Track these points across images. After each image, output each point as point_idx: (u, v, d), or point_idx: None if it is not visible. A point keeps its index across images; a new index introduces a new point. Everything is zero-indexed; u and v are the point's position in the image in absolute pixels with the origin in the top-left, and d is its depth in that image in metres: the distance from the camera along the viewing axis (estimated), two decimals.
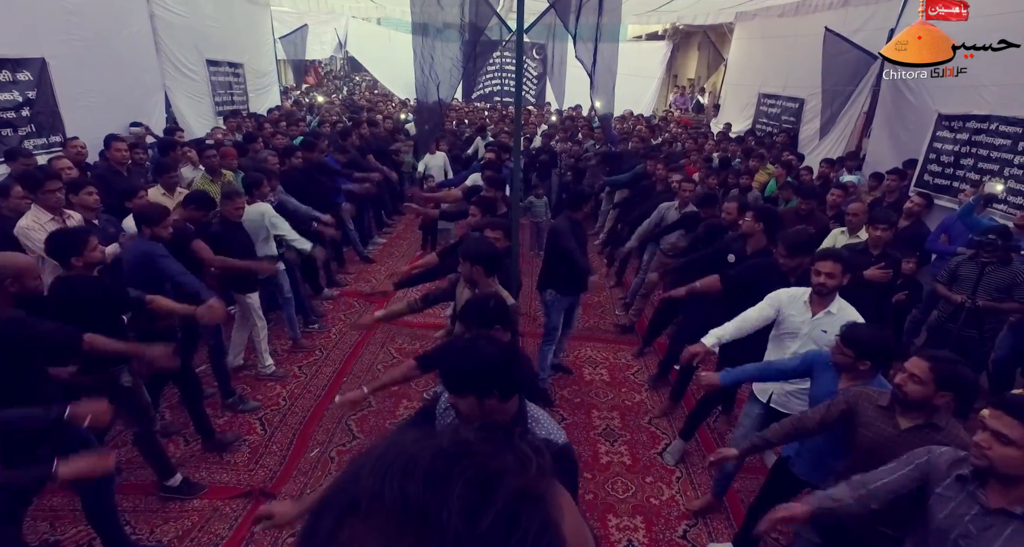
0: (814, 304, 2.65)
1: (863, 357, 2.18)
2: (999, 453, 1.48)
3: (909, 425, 1.95)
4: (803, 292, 2.71)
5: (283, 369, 4.31)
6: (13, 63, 4.88)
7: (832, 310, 2.62)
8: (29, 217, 3.12)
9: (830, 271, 2.57)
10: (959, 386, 1.89)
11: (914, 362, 1.92)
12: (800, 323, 2.67)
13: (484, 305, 2.09)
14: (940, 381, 1.87)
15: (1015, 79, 4.94)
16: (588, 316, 5.42)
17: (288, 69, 16.43)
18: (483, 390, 1.48)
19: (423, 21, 3.01)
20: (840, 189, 5.21)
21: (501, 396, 1.50)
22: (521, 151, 4.00)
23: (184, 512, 2.95)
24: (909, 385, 1.91)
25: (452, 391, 1.51)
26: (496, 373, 1.48)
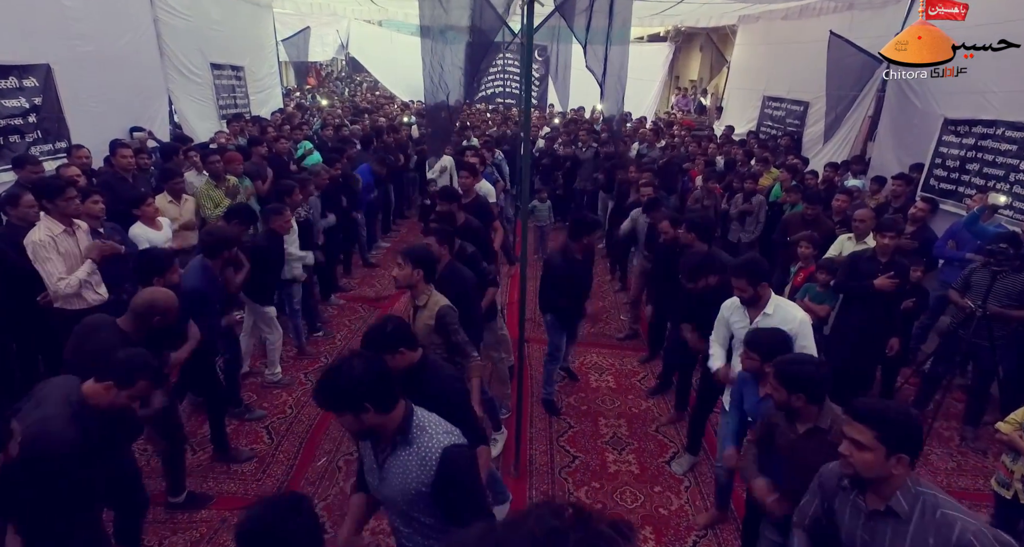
0: (750, 309, 2.73)
1: (767, 359, 2.24)
2: (859, 459, 1.54)
3: (803, 429, 2.04)
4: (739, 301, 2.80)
5: (289, 376, 4.31)
6: (19, 70, 4.87)
7: (768, 311, 2.67)
8: (42, 230, 3.09)
9: (738, 285, 2.68)
10: (803, 385, 1.95)
11: (770, 372, 2.06)
12: (742, 329, 2.72)
13: (383, 329, 2.06)
14: (784, 383, 1.97)
15: (1021, 83, 4.92)
16: (593, 322, 5.41)
17: (290, 71, 16.46)
18: (355, 406, 1.51)
19: (431, 24, 2.99)
20: (845, 194, 5.20)
21: (377, 409, 1.53)
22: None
23: (192, 523, 2.95)
24: (772, 392, 2.04)
25: (326, 409, 1.56)
26: (365, 389, 1.50)
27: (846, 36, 7.12)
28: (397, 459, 1.58)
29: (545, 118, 12.14)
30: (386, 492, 1.62)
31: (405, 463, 1.57)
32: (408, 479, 1.56)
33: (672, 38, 13.46)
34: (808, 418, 2.02)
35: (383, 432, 1.58)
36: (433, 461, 1.54)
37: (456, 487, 1.57)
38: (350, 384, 1.50)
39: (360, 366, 1.53)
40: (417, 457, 1.56)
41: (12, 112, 4.82)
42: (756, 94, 10.11)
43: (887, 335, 3.74)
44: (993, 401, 3.89)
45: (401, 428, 1.58)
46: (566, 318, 3.97)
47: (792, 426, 2.07)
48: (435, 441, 1.57)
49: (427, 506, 1.59)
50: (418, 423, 1.60)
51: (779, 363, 2.03)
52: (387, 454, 1.60)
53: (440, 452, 1.55)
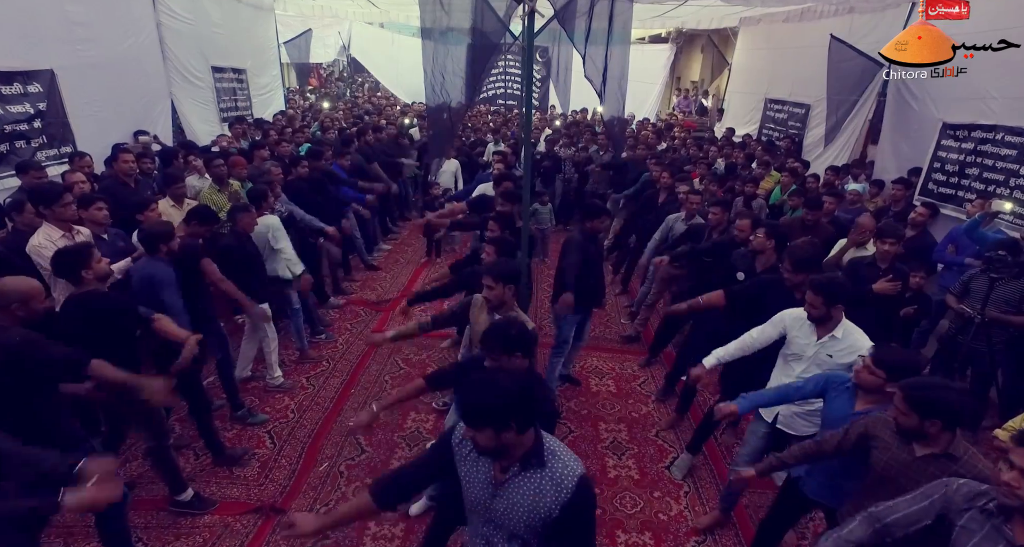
0: (818, 328, 2.65)
1: (894, 379, 2.13)
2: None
3: (924, 453, 1.93)
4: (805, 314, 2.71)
5: (291, 380, 4.33)
6: (24, 75, 4.91)
7: (837, 334, 2.61)
8: (41, 235, 3.13)
9: (810, 301, 2.59)
10: (941, 412, 1.85)
11: (896, 393, 1.94)
12: (805, 346, 2.67)
13: (507, 332, 2.10)
14: (918, 409, 1.86)
15: (1021, 89, 4.93)
16: (594, 325, 5.40)
17: (291, 72, 16.47)
18: (501, 423, 1.49)
19: (432, 26, 3.01)
20: (833, 196, 5.18)
21: (519, 429, 1.52)
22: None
23: (195, 528, 2.97)
24: (898, 416, 1.92)
25: (469, 425, 1.53)
26: (513, 407, 1.50)
27: (846, 40, 7.13)
28: (527, 481, 1.57)
29: (546, 120, 12.16)
30: (502, 510, 1.61)
31: (538, 486, 1.56)
32: (540, 502, 1.55)
33: (673, 39, 13.47)
34: (936, 444, 1.91)
35: (511, 453, 1.57)
36: (569, 487, 1.54)
37: (582, 516, 1.59)
38: (503, 399, 1.49)
39: (509, 382, 1.54)
40: (551, 481, 1.55)
41: (17, 118, 4.85)
42: (757, 97, 10.12)
43: (886, 340, 3.74)
44: (992, 405, 3.90)
45: (535, 450, 1.58)
46: (583, 301, 3.92)
47: (907, 447, 1.97)
48: (570, 468, 1.58)
49: (544, 530, 1.59)
50: (549, 447, 1.61)
51: (913, 387, 1.90)
52: (513, 474, 1.59)
53: (577, 479, 1.56)
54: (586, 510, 1.60)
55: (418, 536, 2.96)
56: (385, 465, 3.53)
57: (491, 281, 2.69)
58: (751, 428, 2.97)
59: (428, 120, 8.13)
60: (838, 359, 2.59)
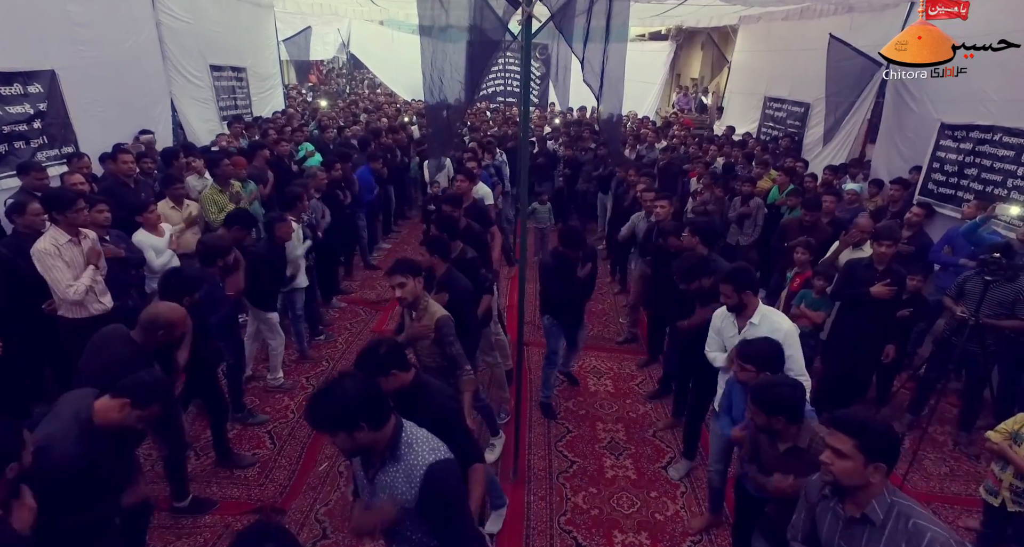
0: (739, 318, 2.76)
1: (764, 369, 2.27)
2: (840, 467, 1.62)
3: (783, 448, 2.10)
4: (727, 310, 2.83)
5: (291, 381, 4.36)
6: (24, 76, 4.91)
7: (754, 321, 2.71)
8: (48, 239, 3.14)
9: (723, 291, 2.73)
10: (781, 407, 1.99)
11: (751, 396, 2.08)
12: (732, 339, 2.76)
13: (376, 352, 2.08)
14: (764, 408, 2.01)
15: (1019, 91, 4.94)
16: (592, 325, 5.45)
17: (291, 68, 16.46)
18: (350, 425, 1.54)
19: (431, 24, 3.00)
20: (832, 196, 5.21)
21: (371, 427, 1.56)
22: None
23: (197, 528, 3.01)
24: (753, 416, 2.07)
25: (321, 432, 1.60)
26: (357, 408, 1.54)
27: (845, 39, 7.12)
28: (386, 475, 1.63)
29: (546, 118, 12.15)
30: (376, 507, 1.66)
31: (393, 479, 1.61)
32: (395, 495, 1.60)
33: (673, 37, 13.44)
34: (788, 438, 2.07)
35: (374, 449, 1.62)
36: (418, 477, 1.58)
37: (441, 503, 1.61)
38: (345, 404, 1.53)
39: (352, 386, 1.57)
40: (404, 473, 1.60)
41: (16, 118, 4.85)
42: (757, 95, 10.11)
43: (883, 342, 3.78)
44: (987, 405, 3.93)
45: (390, 444, 1.62)
46: (563, 321, 4.00)
47: (774, 445, 2.13)
48: (420, 458, 1.60)
49: (414, 522, 1.63)
50: (406, 439, 1.64)
51: (754, 388, 2.07)
52: (376, 469, 1.64)
53: (425, 468, 1.58)
54: (439, 498, 1.61)
55: None
56: None
57: (401, 278, 2.67)
58: (711, 428, 3.07)
59: (427, 119, 8.12)
60: None
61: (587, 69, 2.86)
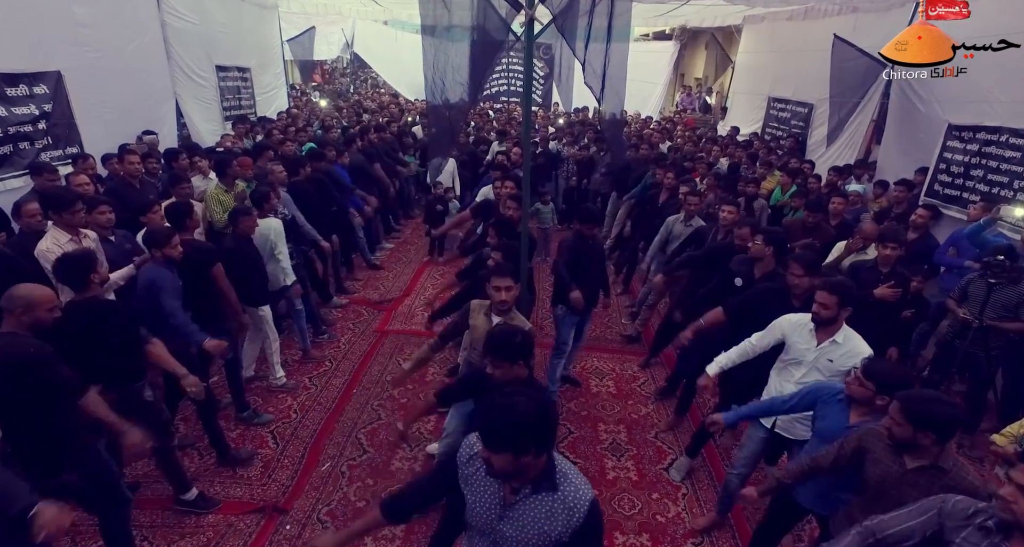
0: (819, 332, 2.65)
1: (882, 392, 2.16)
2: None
3: (915, 465, 1.95)
4: (809, 319, 2.70)
5: (294, 381, 4.37)
6: (30, 77, 4.95)
7: (838, 339, 2.61)
8: (49, 239, 3.17)
9: (824, 301, 2.57)
10: (935, 424, 1.88)
11: (892, 404, 1.96)
12: (805, 351, 2.68)
13: (512, 340, 2.10)
14: (914, 421, 1.88)
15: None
16: (595, 325, 5.45)
17: (295, 68, 16.49)
18: (521, 448, 1.47)
19: (434, 24, 3.00)
20: (841, 197, 5.20)
21: (537, 451, 1.50)
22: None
23: (200, 527, 3.02)
24: (892, 426, 1.94)
25: (489, 448, 1.49)
26: (534, 431, 1.48)
27: (850, 39, 7.10)
28: (539, 503, 1.55)
29: (549, 118, 12.15)
30: (510, 533, 1.59)
31: (550, 509, 1.54)
32: (552, 525, 1.54)
33: (677, 37, 13.42)
34: (926, 456, 1.94)
35: (525, 475, 1.54)
36: (582, 512, 1.53)
37: (595, 537, 1.59)
38: (522, 426, 1.46)
39: (529, 406, 1.49)
40: (564, 505, 1.54)
41: (22, 119, 4.89)
42: (761, 95, 10.09)
43: (886, 344, 3.76)
44: (991, 408, 3.92)
45: (546, 473, 1.55)
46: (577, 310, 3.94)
47: (899, 459, 1.99)
48: (582, 492, 1.56)
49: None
50: (561, 470, 1.58)
51: (910, 399, 1.92)
52: (524, 496, 1.57)
53: (589, 504, 1.55)
54: (596, 535, 1.60)
55: (419, 537, 3.00)
56: (386, 465, 3.57)
57: (511, 281, 2.69)
58: (749, 433, 2.98)
59: (429, 118, 8.13)
60: (838, 364, 2.60)
61: (588, 71, 2.86)
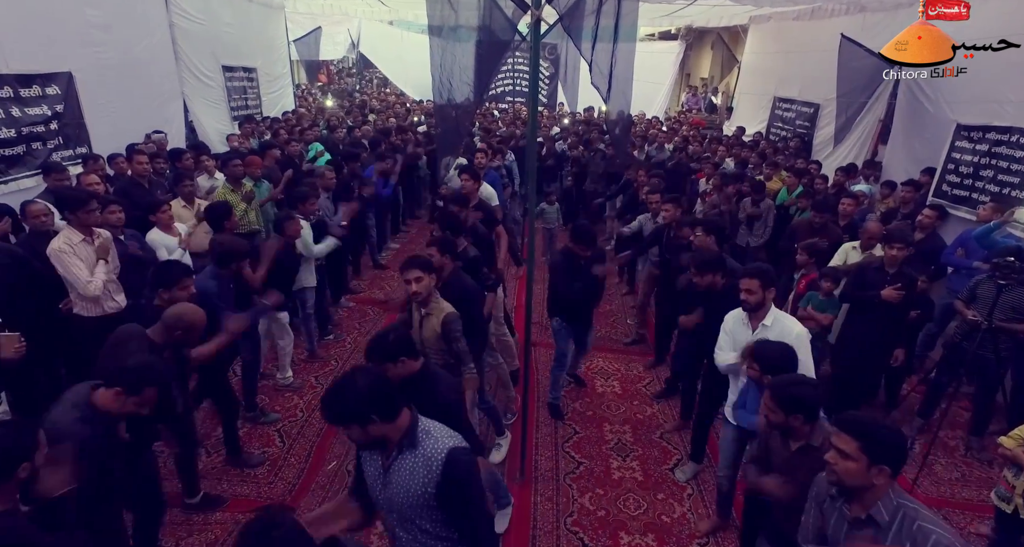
0: (752, 320, 2.74)
1: (767, 372, 2.30)
2: (843, 467, 1.63)
3: (796, 446, 2.09)
4: (740, 311, 2.80)
5: (300, 380, 4.40)
6: (42, 78, 5.01)
7: (766, 322, 2.70)
8: (62, 239, 3.20)
9: (748, 287, 2.68)
10: (802, 406, 1.99)
11: (764, 394, 2.08)
12: (743, 342, 2.72)
13: (385, 339, 2.13)
14: (783, 406, 2.00)
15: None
16: (600, 326, 5.45)
17: (301, 68, 16.58)
18: (362, 418, 1.57)
19: (440, 24, 3.02)
20: (851, 198, 5.18)
21: (382, 418, 1.59)
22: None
23: (208, 525, 3.05)
24: (768, 414, 2.07)
25: (334, 425, 1.62)
26: (369, 401, 1.57)
27: (858, 39, 7.04)
28: (403, 463, 1.64)
29: (555, 118, 12.15)
30: (390, 497, 1.68)
31: (412, 466, 1.63)
32: (414, 481, 1.62)
33: (683, 36, 13.39)
34: (801, 436, 2.06)
35: (389, 440, 1.65)
36: (439, 462, 1.61)
37: (459, 487, 1.63)
38: (355, 398, 1.57)
39: (362, 379, 1.61)
40: (423, 459, 1.62)
41: (34, 119, 4.95)
42: (767, 95, 10.05)
43: (892, 345, 3.75)
44: (1000, 410, 3.89)
45: (408, 434, 1.65)
46: (572, 323, 4.00)
47: (786, 444, 2.12)
48: (440, 443, 1.64)
49: (429, 510, 1.65)
50: (424, 428, 1.68)
51: (775, 386, 2.05)
52: (392, 459, 1.66)
53: (445, 453, 1.62)
54: (461, 483, 1.63)
55: None
56: None
57: (419, 272, 2.67)
58: (722, 435, 3.04)
59: (436, 119, 8.14)
60: None
61: (595, 71, 2.86)
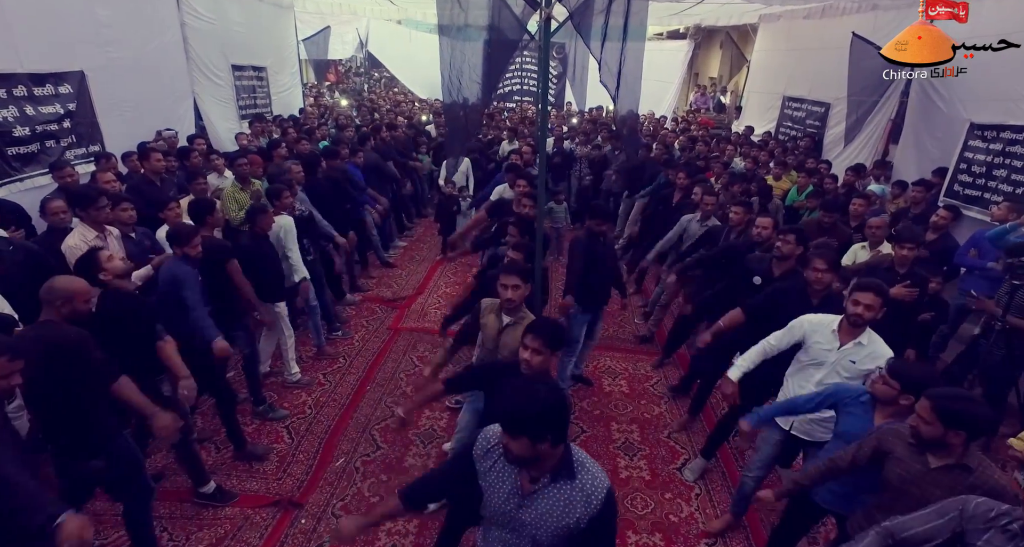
0: (843, 333, 2.59)
1: (907, 391, 2.13)
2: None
3: (939, 464, 1.92)
4: (831, 320, 2.65)
5: (308, 377, 4.43)
6: (55, 77, 5.07)
7: (862, 341, 2.56)
8: (76, 236, 3.25)
9: (870, 303, 2.49)
10: (967, 424, 1.84)
11: (921, 402, 1.92)
12: (826, 352, 2.63)
13: (556, 329, 2.22)
14: (945, 420, 1.84)
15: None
16: (607, 325, 5.44)
17: (309, 68, 16.64)
18: (537, 434, 1.50)
19: (449, 23, 3.03)
20: (862, 198, 5.14)
21: (553, 441, 1.53)
22: None
23: (217, 520, 3.07)
24: (920, 425, 1.90)
25: (508, 431, 1.53)
26: (551, 418, 1.52)
27: (869, 37, 6.99)
28: (558, 492, 1.59)
29: (563, 117, 12.13)
30: (528, 520, 1.62)
31: (568, 497, 1.58)
32: (569, 513, 1.58)
33: (692, 36, 13.32)
34: (951, 455, 1.90)
35: (541, 464, 1.59)
36: (599, 499, 1.58)
37: (609, 527, 1.63)
38: (541, 412, 1.50)
39: (548, 394, 1.54)
40: (582, 493, 1.58)
41: (48, 118, 5.01)
42: (776, 95, 9.98)
43: (903, 346, 3.71)
44: (1012, 411, 3.84)
45: (565, 462, 1.60)
46: (592, 301, 3.95)
47: (921, 458, 1.95)
48: (599, 481, 1.60)
49: (570, 541, 1.62)
50: (578, 459, 1.63)
51: (942, 398, 1.87)
52: (543, 485, 1.61)
53: (606, 491, 1.59)
54: (612, 522, 1.64)
55: (432, 532, 3.02)
56: (400, 462, 3.60)
57: (518, 280, 2.69)
58: (764, 436, 2.95)
59: (444, 118, 8.16)
60: (860, 366, 2.55)
61: (604, 70, 2.86)
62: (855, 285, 2.64)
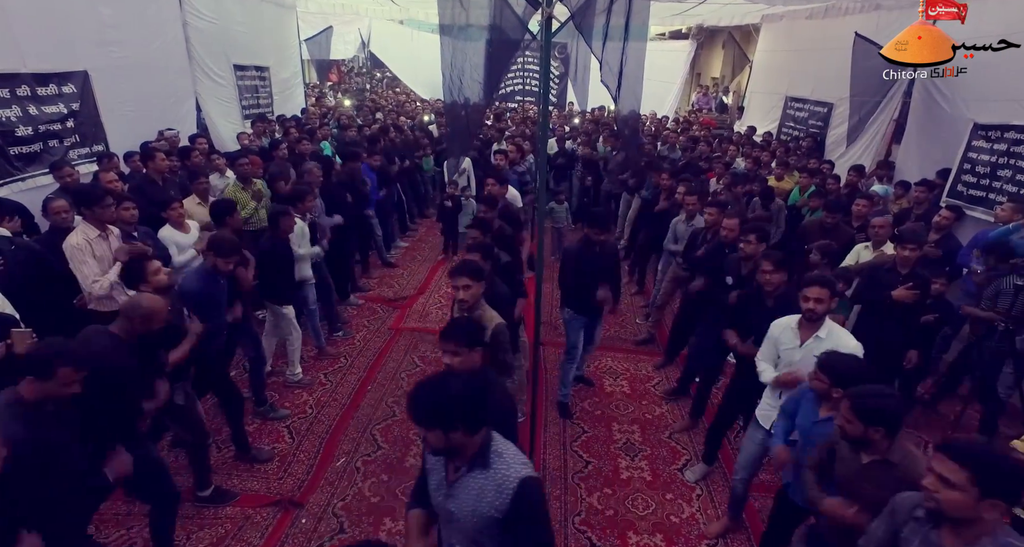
0: (803, 330, 2.64)
1: (837, 385, 2.19)
2: (945, 497, 1.49)
3: (868, 460, 1.97)
4: (792, 320, 2.70)
5: (309, 377, 4.43)
6: (59, 77, 5.08)
7: (821, 335, 2.60)
8: (79, 234, 3.25)
9: (818, 296, 2.55)
10: (883, 419, 1.89)
11: (843, 401, 1.97)
12: (791, 352, 2.66)
13: (469, 327, 2.14)
14: (863, 417, 1.89)
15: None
16: (609, 325, 5.44)
17: (311, 68, 16.67)
18: (448, 425, 1.54)
19: (451, 23, 3.02)
20: (865, 199, 5.13)
21: (466, 430, 1.56)
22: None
23: (218, 519, 3.08)
24: (844, 424, 1.96)
25: (418, 424, 1.58)
26: (461, 409, 1.54)
27: (872, 37, 6.97)
28: (473, 481, 1.61)
29: (565, 117, 12.12)
30: (453, 510, 1.65)
31: (481, 486, 1.60)
32: (482, 502, 1.59)
33: (694, 36, 13.30)
34: (877, 450, 1.94)
35: (462, 453, 1.61)
36: (510, 489, 1.57)
37: (528, 519, 1.60)
38: (448, 403, 1.53)
39: (458, 386, 1.57)
40: (494, 482, 1.59)
41: (51, 118, 5.02)
42: (778, 95, 9.96)
43: (905, 347, 3.70)
44: (1015, 413, 3.83)
45: (481, 451, 1.61)
46: (584, 309, 3.95)
47: (856, 456, 2.00)
48: (513, 470, 1.60)
49: (495, 532, 1.62)
50: (496, 448, 1.64)
51: (858, 396, 1.92)
52: (461, 474, 1.63)
53: (518, 482, 1.58)
54: (529, 514, 1.60)
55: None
56: (400, 461, 3.60)
57: (468, 280, 2.66)
58: (748, 435, 2.98)
59: (446, 118, 8.15)
60: None
61: (605, 69, 2.85)
62: (803, 280, 2.69)
